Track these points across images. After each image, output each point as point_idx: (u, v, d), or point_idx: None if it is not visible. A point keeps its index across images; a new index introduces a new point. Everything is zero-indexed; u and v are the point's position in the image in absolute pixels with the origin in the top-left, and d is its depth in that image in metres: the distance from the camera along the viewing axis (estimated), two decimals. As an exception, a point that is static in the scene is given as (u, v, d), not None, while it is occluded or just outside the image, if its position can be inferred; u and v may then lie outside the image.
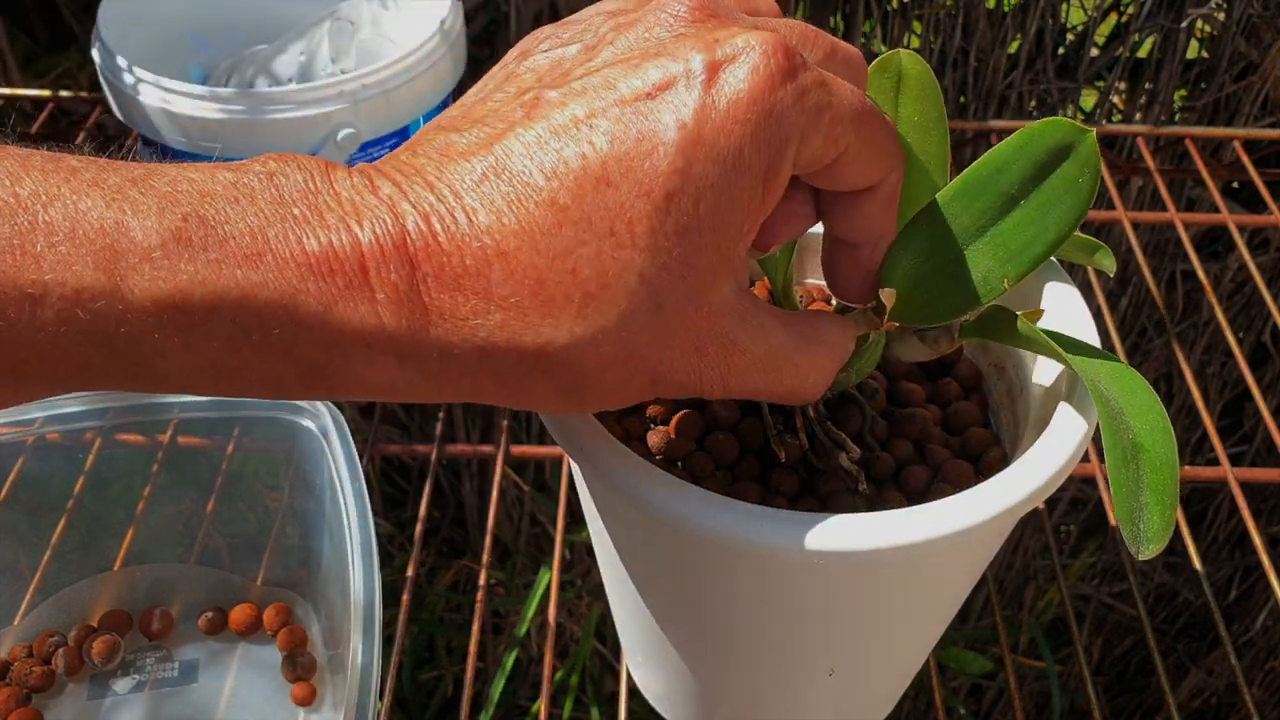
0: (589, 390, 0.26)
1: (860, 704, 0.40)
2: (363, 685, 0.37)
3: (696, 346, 0.26)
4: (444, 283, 0.24)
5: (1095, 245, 0.36)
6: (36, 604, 0.46)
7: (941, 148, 0.33)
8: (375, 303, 0.23)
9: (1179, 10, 0.73)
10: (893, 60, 0.33)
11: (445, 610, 1.00)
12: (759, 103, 0.25)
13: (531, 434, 0.94)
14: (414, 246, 0.23)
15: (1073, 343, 0.32)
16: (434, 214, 0.24)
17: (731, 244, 0.26)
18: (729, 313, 0.26)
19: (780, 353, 0.28)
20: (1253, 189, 0.81)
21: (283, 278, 0.23)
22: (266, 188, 0.24)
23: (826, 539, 0.29)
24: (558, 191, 0.24)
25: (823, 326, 0.30)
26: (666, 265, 0.25)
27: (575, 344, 0.24)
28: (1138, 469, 0.28)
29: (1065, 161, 0.30)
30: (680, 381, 0.26)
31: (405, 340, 0.24)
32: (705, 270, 0.25)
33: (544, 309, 0.24)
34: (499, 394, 0.25)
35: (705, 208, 0.25)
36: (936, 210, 0.31)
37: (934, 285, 0.31)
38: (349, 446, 0.43)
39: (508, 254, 0.24)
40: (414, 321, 0.23)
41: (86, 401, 0.44)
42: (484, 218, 0.24)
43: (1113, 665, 1.09)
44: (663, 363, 0.26)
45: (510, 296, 0.24)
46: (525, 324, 0.24)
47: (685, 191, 0.24)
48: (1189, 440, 0.95)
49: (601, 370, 0.25)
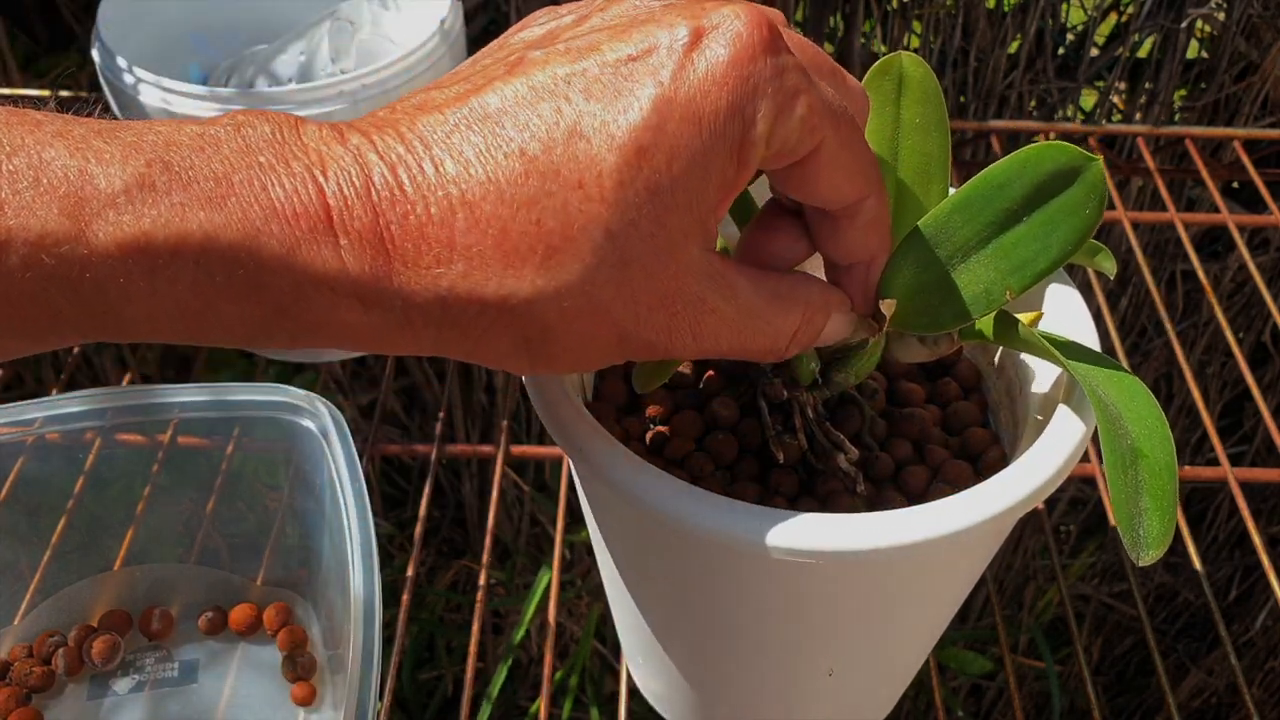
0: (553, 346, 0.26)
1: (860, 704, 0.40)
2: (363, 685, 0.37)
3: (664, 305, 0.26)
4: (408, 231, 0.24)
5: (1096, 247, 0.36)
6: (36, 604, 0.46)
7: (943, 150, 0.33)
8: (339, 247, 0.23)
9: (1179, 10, 0.73)
10: (894, 63, 0.33)
11: (445, 610, 1.00)
12: (737, 68, 0.25)
13: (531, 434, 0.94)
14: (378, 195, 0.24)
15: (1072, 346, 0.32)
16: (401, 164, 0.24)
17: (702, 208, 0.26)
18: (698, 273, 0.26)
19: (752, 310, 0.28)
20: (1253, 189, 0.80)
21: (246, 220, 0.23)
22: (233, 137, 0.24)
23: (826, 539, 0.29)
24: (528, 143, 0.24)
25: (798, 284, 0.29)
26: (635, 221, 0.25)
27: (538, 296, 0.24)
28: (1136, 474, 0.28)
29: (1071, 187, 0.29)
30: (649, 339, 0.26)
31: (369, 285, 0.24)
32: (675, 230, 0.25)
33: (507, 259, 0.24)
34: (463, 347, 0.25)
35: (678, 168, 0.25)
36: (938, 221, 0.31)
37: (935, 294, 0.31)
38: (349, 446, 0.43)
39: (472, 203, 0.24)
40: (377, 267, 0.24)
41: (86, 402, 0.44)
42: (451, 167, 0.24)
43: (1113, 665, 1.09)
44: (629, 320, 0.26)
45: (473, 246, 0.24)
46: (488, 274, 0.24)
47: (658, 148, 0.24)
48: (1189, 440, 0.95)
49: (564, 325, 0.25)
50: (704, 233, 0.26)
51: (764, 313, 0.28)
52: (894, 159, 0.34)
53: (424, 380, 0.93)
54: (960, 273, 0.31)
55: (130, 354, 0.88)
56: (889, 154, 0.34)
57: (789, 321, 0.29)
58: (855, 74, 0.75)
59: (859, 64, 0.75)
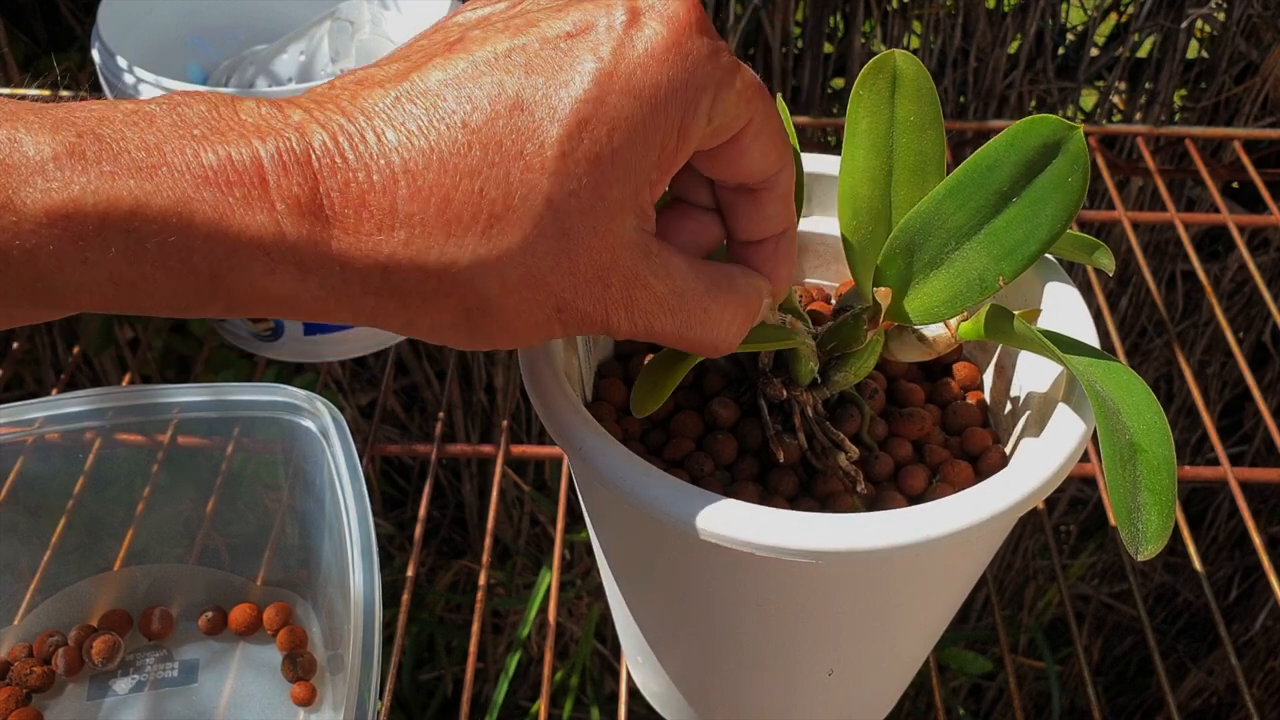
0: (492, 317, 0.26)
1: (860, 704, 0.40)
2: (363, 685, 0.37)
3: (600, 278, 0.26)
4: (348, 198, 0.24)
5: (1094, 244, 0.36)
6: (36, 604, 0.46)
7: (937, 148, 0.33)
8: (275, 212, 0.23)
9: (1179, 10, 0.73)
10: (888, 61, 0.33)
11: (445, 610, 1.00)
12: (677, 46, 0.25)
13: (531, 434, 0.94)
14: (319, 162, 0.24)
15: (1070, 343, 0.32)
16: (343, 133, 0.24)
17: (641, 182, 0.26)
18: (634, 248, 0.27)
19: (686, 293, 0.28)
20: (1253, 189, 0.80)
21: (176, 187, 0.23)
22: (168, 114, 0.24)
23: (825, 539, 0.29)
24: (470, 114, 0.24)
25: (734, 275, 0.30)
26: (575, 192, 0.25)
27: (478, 265, 0.25)
28: (1135, 470, 0.28)
29: (1055, 158, 0.30)
30: (586, 311, 0.27)
31: (307, 251, 0.24)
32: (613, 203, 0.26)
33: (448, 228, 0.24)
34: (402, 317, 0.26)
35: (619, 139, 0.25)
36: (930, 209, 0.31)
37: (930, 284, 0.32)
38: (349, 446, 0.43)
39: (415, 172, 0.24)
40: (315, 233, 0.24)
41: (86, 401, 0.44)
42: (393, 137, 0.24)
43: (1113, 665, 1.09)
44: (567, 290, 0.26)
45: (415, 214, 0.24)
46: (429, 243, 0.24)
47: (599, 120, 0.25)
48: (1189, 440, 0.95)
49: (504, 295, 0.25)
50: (640, 206, 0.26)
51: (702, 301, 0.28)
52: (889, 157, 0.34)
53: (424, 380, 0.93)
54: (953, 261, 0.31)
55: (130, 354, 0.88)
56: (884, 152, 0.34)
57: (730, 311, 0.29)
58: (855, 73, 0.76)
59: (859, 64, 0.75)
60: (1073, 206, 0.29)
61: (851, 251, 0.34)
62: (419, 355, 0.91)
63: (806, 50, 0.75)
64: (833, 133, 0.77)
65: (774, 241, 0.31)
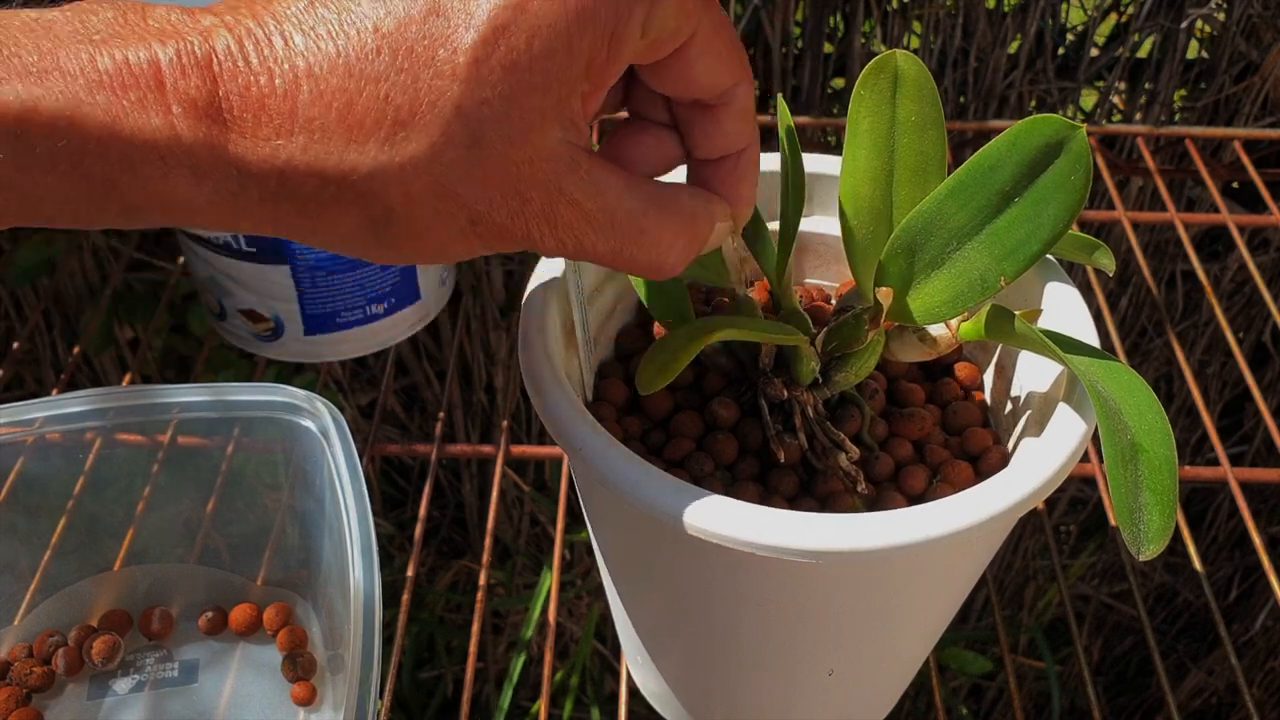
0: (399, 227, 0.25)
1: (860, 704, 0.40)
2: (363, 685, 0.37)
3: (518, 191, 0.25)
4: (248, 101, 0.23)
5: (1094, 244, 0.36)
6: (36, 604, 0.46)
7: (939, 148, 0.33)
8: (170, 115, 0.23)
9: (1179, 10, 0.73)
10: (889, 61, 0.33)
11: (445, 610, 1.00)
12: None
13: (531, 434, 0.94)
14: (220, 66, 0.23)
15: (1071, 343, 0.32)
16: (249, 37, 0.24)
17: (567, 93, 0.25)
18: (555, 159, 0.25)
19: (621, 212, 0.27)
20: (1253, 189, 0.80)
21: (68, 91, 0.22)
22: (70, 21, 0.24)
23: (826, 539, 0.29)
24: (383, 19, 0.24)
25: (679, 195, 0.29)
26: (487, 100, 0.24)
27: (380, 172, 0.24)
28: (1136, 469, 0.28)
29: (1057, 158, 0.30)
30: (504, 225, 0.26)
31: (202, 154, 0.23)
32: (531, 111, 0.24)
33: (350, 133, 0.24)
34: (302, 225, 0.25)
35: (539, 46, 0.24)
36: (932, 209, 0.31)
37: (931, 284, 0.32)
38: (349, 446, 0.43)
39: (318, 76, 0.24)
40: (212, 136, 0.23)
41: (87, 401, 0.44)
42: (300, 41, 0.24)
43: (1113, 665, 1.09)
44: (480, 202, 0.25)
45: (316, 119, 0.24)
46: (329, 148, 0.24)
47: (518, 26, 0.24)
48: (1189, 440, 0.95)
49: (410, 205, 0.25)
50: (566, 117, 0.25)
51: (638, 220, 0.27)
52: (891, 157, 0.34)
53: (424, 380, 0.93)
54: (955, 261, 0.31)
55: (130, 354, 0.88)
56: (886, 152, 0.34)
57: (672, 232, 0.28)
58: (855, 73, 0.76)
59: (859, 64, 0.75)
60: (1075, 206, 0.29)
61: (853, 251, 0.34)
62: (419, 355, 0.91)
63: (806, 50, 0.75)
64: (833, 133, 0.77)
65: (733, 159, 0.30)
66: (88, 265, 0.83)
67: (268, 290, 0.54)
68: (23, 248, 0.71)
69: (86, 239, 0.81)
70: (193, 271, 0.57)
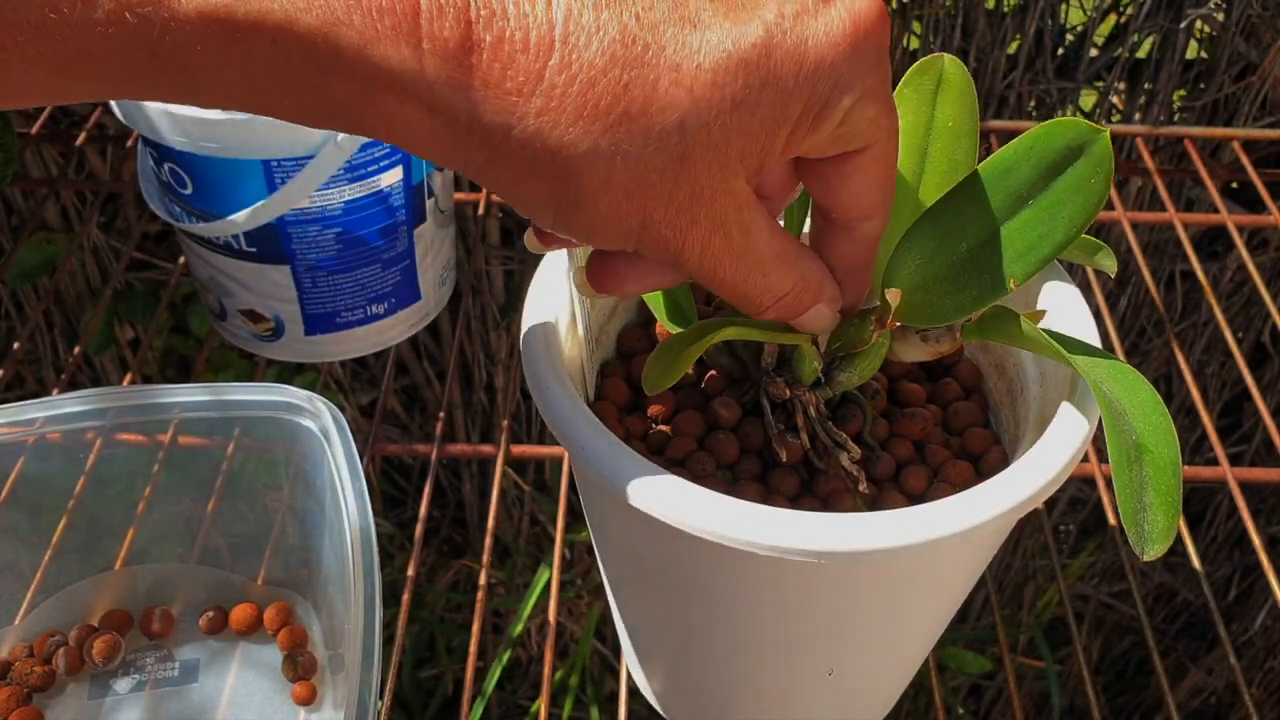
0: (582, 210, 0.26)
1: (859, 703, 0.40)
2: (363, 685, 0.37)
3: (693, 213, 0.27)
4: (499, 53, 0.24)
5: (1096, 245, 0.36)
6: (37, 604, 0.46)
7: (970, 157, 0.33)
8: (419, 50, 0.24)
9: (1178, 10, 0.73)
10: (935, 63, 0.33)
11: (445, 610, 1.00)
12: (849, 39, 0.26)
13: (531, 434, 0.94)
14: (477, 11, 0.24)
15: (1074, 343, 0.32)
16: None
17: (767, 142, 0.26)
18: (734, 197, 0.27)
19: (755, 252, 0.28)
20: (1252, 189, 0.81)
21: (328, 8, 0.23)
22: None
23: (827, 539, 0.29)
24: (646, 12, 0.25)
25: (807, 258, 0.30)
26: (708, 125, 0.25)
27: (592, 155, 0.25)
28: (1141, 470, 0.28)
29: (1077, 161, 0.29)
30: (665, 237, 0.27)
31: (441, 93, 0.24)
32: (736, 150, 0.26)
33: (580, 110, 0.24)
34: (504, 180, 0.26)
35: (768, 96, 0.25)
36: (943, 210, 0.31)
37: (939, 286, 0.31)
38: (349, 446, 0.43)
39: (571, 45, 0.24)
40: (455, 78, 0.24)
41: (87, 401, 0.44)
42: (563, 3, 0.24)
43: (1112, 665, 1.09)
44: (658, 210, 0.26)
45: (558, 87, 0.24)
46: (558, 118, 0.24)
47: (757, 70, 0.25)
48: (1188, 440, 0.95)
49: (601, 192, 0.26)
50: (757, 166, 0.27)
51: (766, 263, 0.29)
52: (922, 162, 0.34)
53: (424, 380, 0.93)
54: (965, 262, 0.31)
55: (131, 354, 0.88)
56: (919, 154, 0.34)
57: (782, 284, 0.30)
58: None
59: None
60: (1091, 210, 0.29)
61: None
62: (419, 355, 0.91)
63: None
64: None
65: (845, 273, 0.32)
66: (88, 265, 0.83)
67: (268, 290, 0.54)
68: (23, 248, 0.71)
69: (87, 239, 0.81)
70: (193, 271, 0.57)
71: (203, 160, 0.49)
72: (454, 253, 0.60)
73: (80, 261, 0.83)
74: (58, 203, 0.80)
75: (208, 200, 0.50)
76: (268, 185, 0.49)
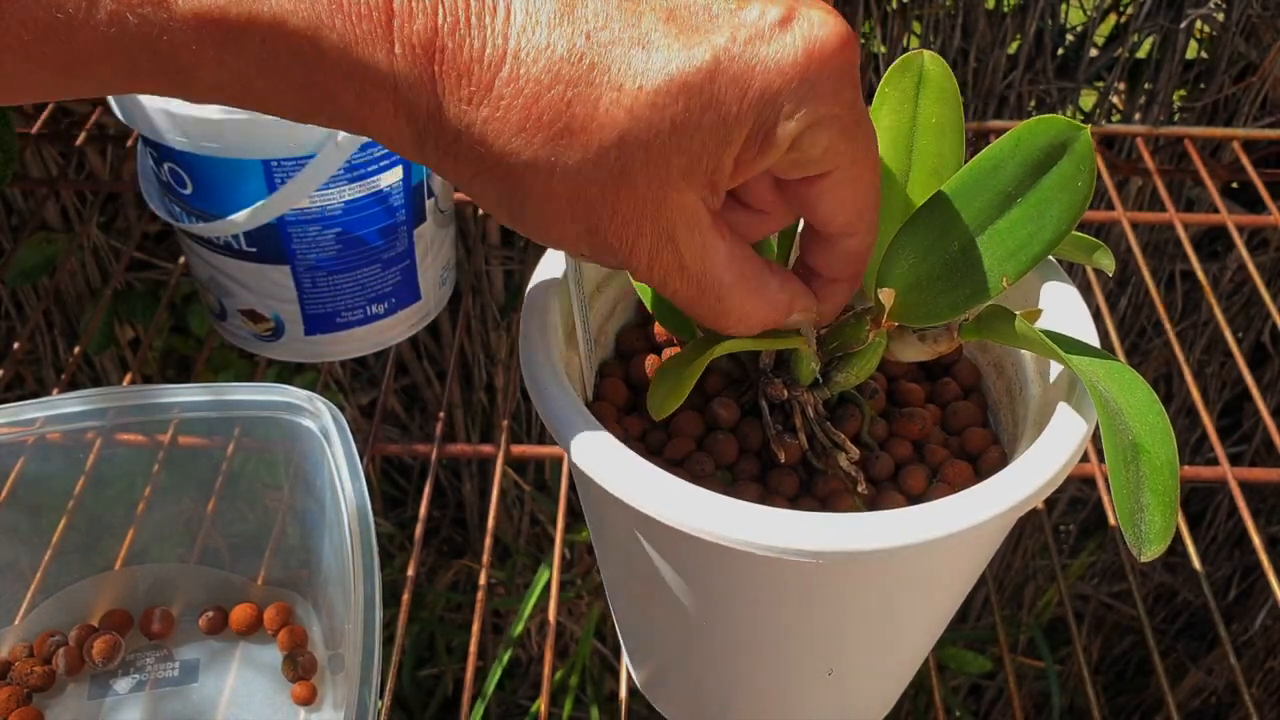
0: (527, 212, 0.27)
1: (859, 703, 0.40)
2: (363, 685, 0.37)
3: (638, 226, 0.27)
4: (459, 61, 0.25)
5: (1094, 245, 0.36)
6: (37, 603, 0.46)
7: (956, 152, 0.33)
8: (392, 54, 0.25)
9: (1178, 11, 0.73)
10: (915, 60, 0.33)
11: (445, 610, 1.00)
12: (800, 67, 0.26)
13: (531, 434, 0.94)
14: (444, 17, 0.25)
15: (1072, 343, 0.32)
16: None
17: (713, 166, 0.27)
18: (681, 214, 0.27)
19: (711, 279, 0.29)
20: (1252, 189, 0.81)
21: (313, 11, 0.25)
22: None
23: (826, 539, 0.29)
24: (596, 30, 0.25)
25: (769, 282, 0.30)
26: (647, 144, 0.26)
27: (532, 165, 0.26)
28: (1138, 469, 0.28)
29: (1061, 159, 0.30)
30: (612, 245, 0.28)
31: (404, 95, 0.26)
32: (679, 169, 0.26)
33: (524, 123, 0.26)
34: (461, 176, 0.27)
35: (708, 120, 0.26)
36: (934, 209, 0.31)
37: (932, 285, 0.32)
38: (349, 446, 0.43)
39: (523, 60, 0.25)
40: (420, 79, 0.26)
41: (87, 401, 0.44)
42: (519, 19, 0.25)
43: (1112, 665, 1.09)
44: (604, 220, 0.27)
45: (504, 98, 0.26)
46: (502, 128, 0.26)
47: (700, 94, 0.26)
48: (1188, 440, 0.95)
49: (544, 200, 0.27)
50: (706, 185, 0.27)
51: (723, 290, 0.29)
52: (909, 159, 0.34)
53: (424, 380, 0.93)
54: (957, 261, 0.31)
55: (131, 354, 0.88)
56: (904, 152, 0.34)
57: (746, 307, 0.30)
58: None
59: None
60: (1078, 208, 0.29)
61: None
62: (419, 355, 0.91)
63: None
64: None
65: (824, 280, 0.32)
66: (88, 265, 0.83)
67: (268, 290, 0.54)
68: (23, 248, 0.71)
69: (87, 239, 0.81)
70: (193, 271, 0.57)
71: (203, 160, 0.49)
72: (454, 253, 0.60)
73: (80, 261, 0.83)
74: (58, 203, 0.80)
75: (208, 200, 0.50)
76: (268, 185, 0.49)
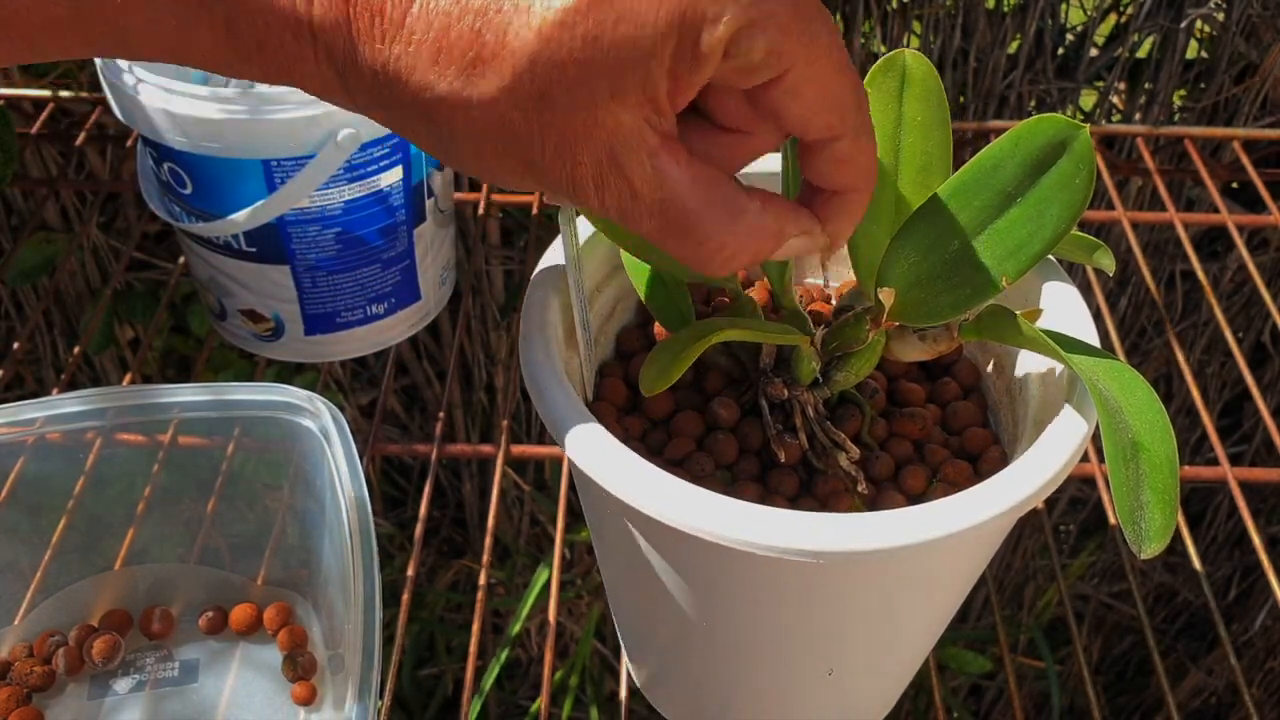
0: (461, 150, 0.27)
1: (859, 703, 0.40)
2: (363, 685, 0.37)
3: (571, 152, 0.26)
4: (370, 2, 0.26)
5: (1094, 244, 0.36)
6: (37, 603, 0.46)
7: (944, 148, 0.33)
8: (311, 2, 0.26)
9: (1178, 10, 0.73)
10: (897, 60, 0.33)
11: (445, 610, 1.00)
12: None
13: (531, 434, 0.94)
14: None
15: (1072, 342, 0.32)
16: None
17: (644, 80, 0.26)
18: (616, 134, 0.26)
19: (674, 207, 0.27)
20: (1252, 189, 0.81)
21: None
22: None
23: (826, 539, 0.29)
24: None
25: (747, 206, 0.28)
26: (561, 63, 0.25)
27: (449, 98, 0.26)
28: (1138, 468, 0.28)
29: (1061, 158, 0.30)
30: (553, 176, 0.27)
31: (325, 41, 0.26)
32: (602, 86, 0.26)
33: (436, 56, 0.26)
34: (390, 119, 0.28)
35: (622, 31, 0.25)
36: (934, 209, 0.31)
37: (932, 284, 0.31)
38: (349, 446, 0.43)
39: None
40: (337, 23, 0.26)
41: (87, 401, 0.44)
42: None
43: (1112, 665, 1.09)
44: (534, 150, 0.26)
45: (416, 34, 0.26)
46: (415, 63, 0.26)
47: (610, 6, 0.25)
48: (1188, 440, 0.95)
49: (470, 134, 0.26)
50: (647, 105, 0.26)
51: (690, 218, 0.27)
52: (896, 156, 0.34)
53: (424, 380, 0.93)
54: (956, 261, 0.31)
55: (130, 354, 0.88)
56: (891, 151, 0.34)
57: (720, 237, 0.28)
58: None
59: (858, 64, 0.75)
60: (1078, 207, 0.29)
61: (855, 251, 0.34)
62: (419, 355, 0.91)
63: (806, 50, 0.75)
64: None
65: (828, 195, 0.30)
66: (88, 265, 0.83)
67: (268, 290, 0.54)
68: (23, 248, 0.71)
69: (87, 239, 0.81)
70: (193, 271, 0.57)
71: (203, 160, 0.49)
72: (454, 253, 0.60)
73: (80, 261, 0.83)
74: (58, 203, 0.80)
75: (208, 200, 0.50)
76: (267, 185, 0.49)
